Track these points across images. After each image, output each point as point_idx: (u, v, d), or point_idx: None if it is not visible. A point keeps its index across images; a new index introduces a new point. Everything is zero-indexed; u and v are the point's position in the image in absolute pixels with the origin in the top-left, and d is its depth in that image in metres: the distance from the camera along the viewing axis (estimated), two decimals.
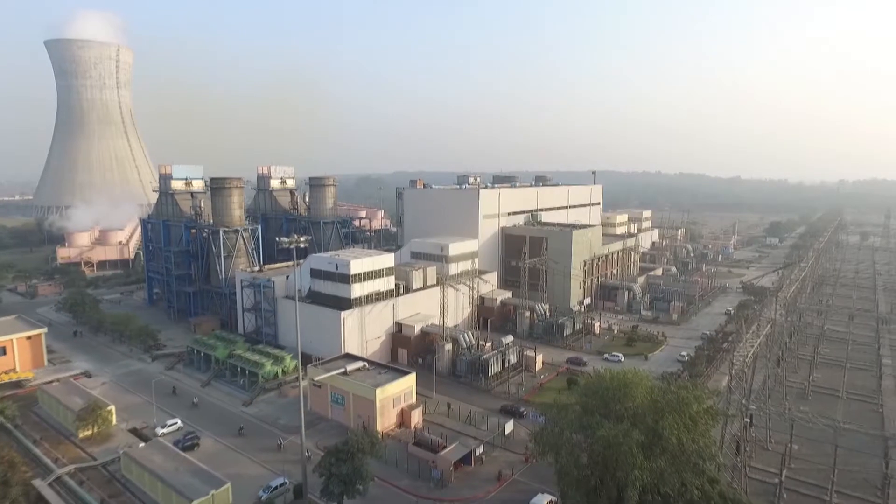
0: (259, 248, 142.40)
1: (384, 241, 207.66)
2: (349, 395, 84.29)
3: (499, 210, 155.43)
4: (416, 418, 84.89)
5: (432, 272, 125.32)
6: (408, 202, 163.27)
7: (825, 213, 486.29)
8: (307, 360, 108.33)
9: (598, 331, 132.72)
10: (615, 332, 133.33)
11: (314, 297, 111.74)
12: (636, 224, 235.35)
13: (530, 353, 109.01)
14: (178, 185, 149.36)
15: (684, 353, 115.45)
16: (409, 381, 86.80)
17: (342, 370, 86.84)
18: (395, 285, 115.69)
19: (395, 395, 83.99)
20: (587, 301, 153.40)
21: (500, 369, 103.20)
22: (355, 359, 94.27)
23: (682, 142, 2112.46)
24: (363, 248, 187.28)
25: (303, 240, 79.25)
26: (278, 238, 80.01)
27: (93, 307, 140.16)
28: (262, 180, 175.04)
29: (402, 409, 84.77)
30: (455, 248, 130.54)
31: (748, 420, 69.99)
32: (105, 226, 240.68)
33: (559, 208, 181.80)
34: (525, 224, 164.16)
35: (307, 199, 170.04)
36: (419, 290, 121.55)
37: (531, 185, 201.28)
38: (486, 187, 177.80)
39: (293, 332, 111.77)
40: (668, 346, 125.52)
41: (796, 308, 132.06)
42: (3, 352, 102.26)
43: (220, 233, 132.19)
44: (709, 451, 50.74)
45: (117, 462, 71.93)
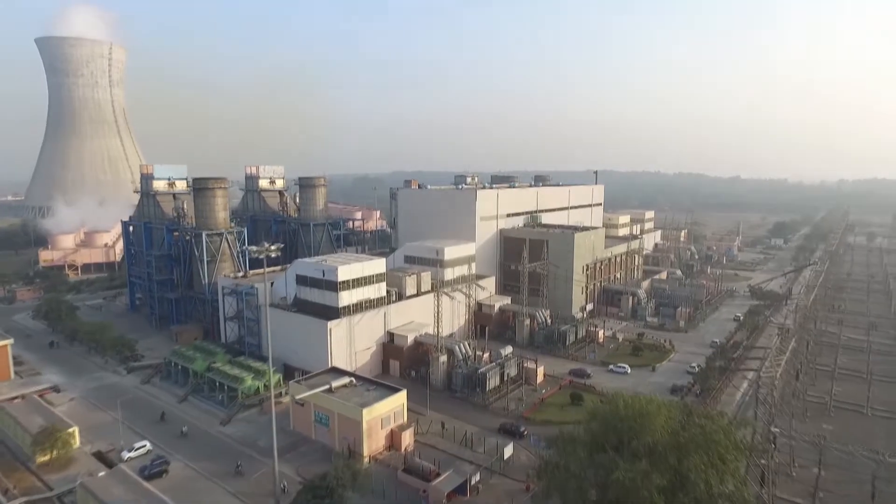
0: (245, 252, 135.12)
1: (380, 242, 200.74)
2: (334, 414, 77.26)
3: (497, 211, 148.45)
4: (406, 440, 77.92)
5: (427, 278, 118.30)
6: (402, 203, 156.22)
7: (828, 212, 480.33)
8: (292, 373, 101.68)
9: (601, 339, 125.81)
10: (620, 340, 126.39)
11: (300, 306, 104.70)
12: (638, 225, 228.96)
13: (531, 364, 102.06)
14: (160, 185, 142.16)
15: (694, 364, 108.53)
16: (400, 398, 79.81)
17: (326, 387, 79.85)
18: (387, 292, 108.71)
19: (384, 415, 76.98)
20: (590, 307, 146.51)
21: (498, 383, 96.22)
22: (342, 373, 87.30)
23: (681, 141, 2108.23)
24: (357, 250, 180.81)
25: (273, 248, 71.75)
26: (247, 246, 72.83)
27: (69, 314, 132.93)
28: (250, 180, 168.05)
29: (391, 430, 77.77)
30: (451, 252, 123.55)
31: (773, 445, 63.13)
32: (91, 227, 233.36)
33: (560, 209, 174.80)
34: (524, 226, 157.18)
35: (297, 201, 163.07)
36: (413, 296, 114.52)
37: (530, 186, 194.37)
38: (483, 187, 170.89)
39: (278, 343, 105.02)
40: (676, 355, 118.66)
41: (812, 315, 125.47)
42: None
43: (203, 236, 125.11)
44: (741, 495, 43.84)
45: (74, 493, 64.86)
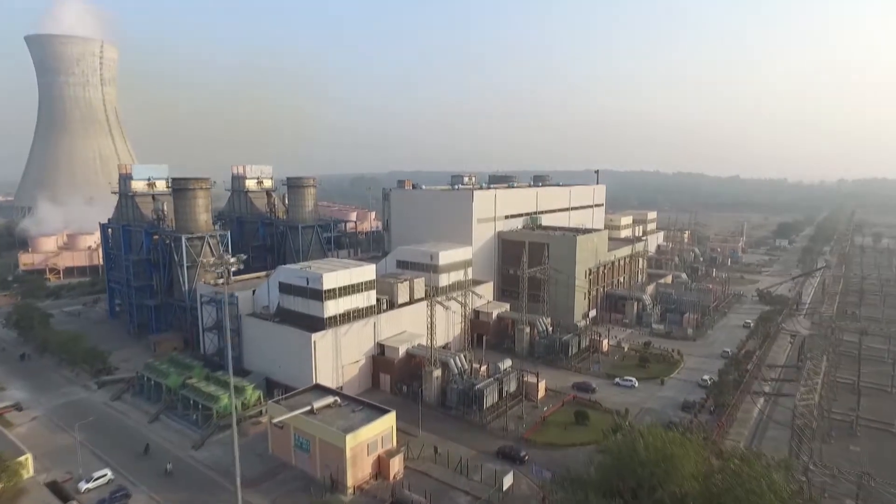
0: (229, 255, 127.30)
1: (374, 244, 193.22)
2: (315, 439, 69.96)
3: (495, 213, 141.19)
4: (395, 467, 70.67)
5: (420, 284, 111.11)
6: (395, 205, 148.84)
7: (830, 212, 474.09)
8: (274, 389, 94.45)
9: (606, 348, 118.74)
10: (625, 349, 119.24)
11: (283, 315, 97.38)
12: (641, 226, 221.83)
13: (531, 379, 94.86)
14: (138, 185, 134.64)
15: (706, 377, 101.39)
16: (388, 421, 72.52)
17: (308, 408, 72.58)
18: (377, 300, 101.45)
19: (371, 440, 69.70)
20: (592, 313, 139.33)
21: (496, 400, 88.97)
22: (326, 392, 79.98)
23: (680, 141, 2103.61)
24: (349, 253, 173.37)
25: (233, 260, 64.35)
26: (204, 259, 65.51)
27: (42, 323, 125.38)
28: (237, 180, 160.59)
29: (378, 457, 70.48)
30: (446, 257, 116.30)
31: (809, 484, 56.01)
32: (76, 229, 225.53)
33: (560, 210, 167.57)
34: (524, 228, 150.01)
35: (286, 202, 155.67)
36: (405, 305, 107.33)
37: (530, 186, 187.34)
38: (480, 188, 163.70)
39: (260, 356, 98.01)
40: (686, 366, 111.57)
41: (829, 324, 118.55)
42: None
43: (183, 240, 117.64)
44: None
45: None
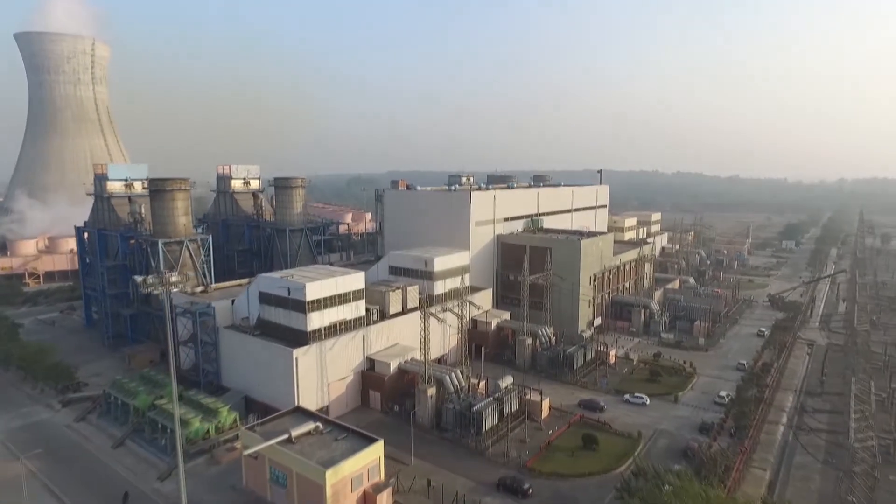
0: (210, 262, 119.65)
1: (370, 247, 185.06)
2: (292, 473, 62.00)
3: (494, 215, 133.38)
4: (383, 503, 62.81)
5: (413, 293, 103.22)
6: (389, 206, 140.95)
7: (834, 213, 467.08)
8: (254, 408, 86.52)
9: (613, 360, 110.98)
10: (634, 361, 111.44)
11: (264, 328, 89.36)
12: (645, 228, 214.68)
13: (534, 397, 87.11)
14: (115, 186, 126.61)
15: (723, 394, 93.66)
16: (376, 451, 64.55)
17: (285, 436, 64.59)
18: (367, 311, 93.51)
19: (356, 474, 61.77)
20: (597, 321, 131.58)
21: (496, 422, 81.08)
22: (308, 416, 71.99)
23: (680, 140, 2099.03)
24: (342, 257, 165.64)
25: (176, 278, 56.37)
26: (134, 277, 57.93)
27: (10, 333, 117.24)
28: (222, 181, 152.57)
29: (364, 492, 62.58)
30: (441, 263, 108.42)
31: None
32: (57, 232, 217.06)
33: (562, 212, 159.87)
34: (524, 231, 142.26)
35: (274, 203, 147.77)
36: (397, 315, 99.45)
37: (530, 186, 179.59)
38: (479, 188, 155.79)
39: (240, 371, 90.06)
40: (700, 380, 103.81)
41: (854, 333, 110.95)
42: None
43: (160, 244, 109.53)
44: None
45: None
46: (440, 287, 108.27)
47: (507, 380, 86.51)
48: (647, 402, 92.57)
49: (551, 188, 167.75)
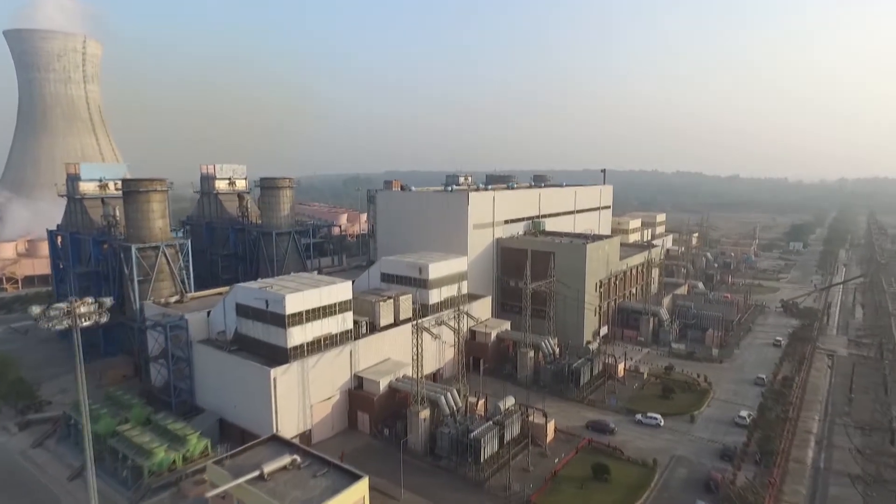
0: (190, 268, 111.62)
1: (364, 249, 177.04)
2: None
3: (493, 217, 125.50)
4: None
5: (406, 302, 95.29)
6: (381, 208, 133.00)
7: (839, 213, 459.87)
8: (230, 433, 78.62)
9: (621, 373, 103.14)
10: (645, 375, 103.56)
11: (241, 343, 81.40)
12: (649, 229, 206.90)
13: (538, 419, 79.23)
14: (88, 187, 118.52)
15: (745, 413, 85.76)
16: (359, 491, 56.56)
17: (256, 472, 56.64)
18: (355, 323, 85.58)
19: None
20: (604, 330, 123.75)
21: (496, 448, 73.19)
22: (285, 446, 64.04)
23: (679, 140, 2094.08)
24: (333, 260, 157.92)
25: (85, 309, 48.50)
26: (31, 307, 50.26)
27: None
28: (206, 181, 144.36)
29: None
30: (437, 269, 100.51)
31: None
32: (39, 234, 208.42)
33: (565, 214, 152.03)
34: (525, 234, 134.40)
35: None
36: (388, 327, 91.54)
37: (531, 186, 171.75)
38: (477, 189, 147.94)
39: (215, 390, 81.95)
40: (717, 397, 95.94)
41: (881, 342, 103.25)
42: None
43: (133, 250, 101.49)
44: None
45: None
46: (435, 296, 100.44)
47: (509, 401, 78.52)
48: (661, 422, 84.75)
49: (553, 188, 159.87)
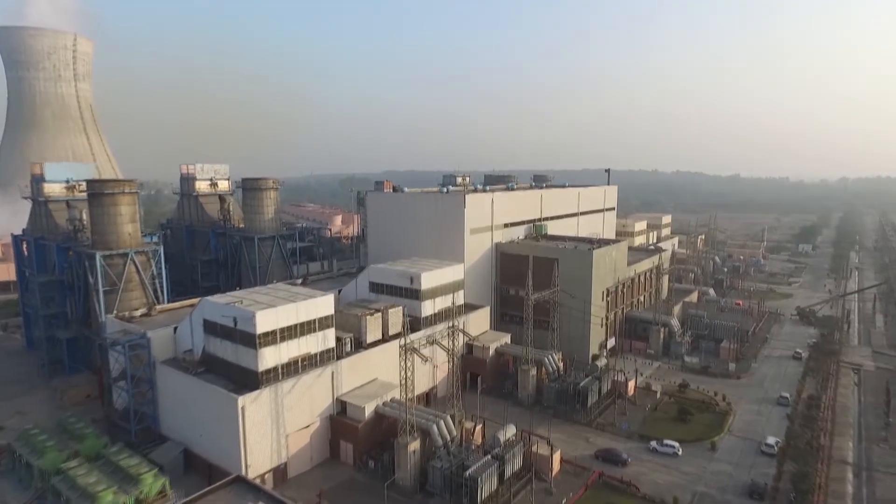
0: (163, 276, 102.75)
1: (357, 252, 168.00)
2: None
3: (492, 221, 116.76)
4: None
5: (397, 315, 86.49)
6: (372, 211, 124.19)
7: (844, 213, 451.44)
8: (195, 466, 69.83)
9: (632, 391, 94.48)
10: (658, 394, 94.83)
11: (210, 364, 72.56)
12: (655, 232, 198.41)
13: (542, 449, 70.58)
14: (53, 189, 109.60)
15: (772, 441, 77.00)
16: None
17: None
18: (338, 340, 76.78)
19: None
20: (611, 342, 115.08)
21: (496, 486, 64.47)
22: (251, 490, 55.19)
23: (679, 139, 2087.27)
24: (323, 266, 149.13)
25: None
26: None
27: None
28: (186, 182, 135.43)
29: None
30: (430, 279, 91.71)
31: None
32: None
33: (568, 216, 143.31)
34: (527, 238, 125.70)
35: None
36: (376, 343, 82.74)
37: (531, 187, 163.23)
38: (475, 190, 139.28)
39: (181, 417, 73.04)
40: (738, 418, 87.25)
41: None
42: None
43: (98, 258, 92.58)
44: None
45: None
46: (428, 307, 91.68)
47: (509, 430, 69.78)
48: (679, 451, 76.01)
49: (555, 189, 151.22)
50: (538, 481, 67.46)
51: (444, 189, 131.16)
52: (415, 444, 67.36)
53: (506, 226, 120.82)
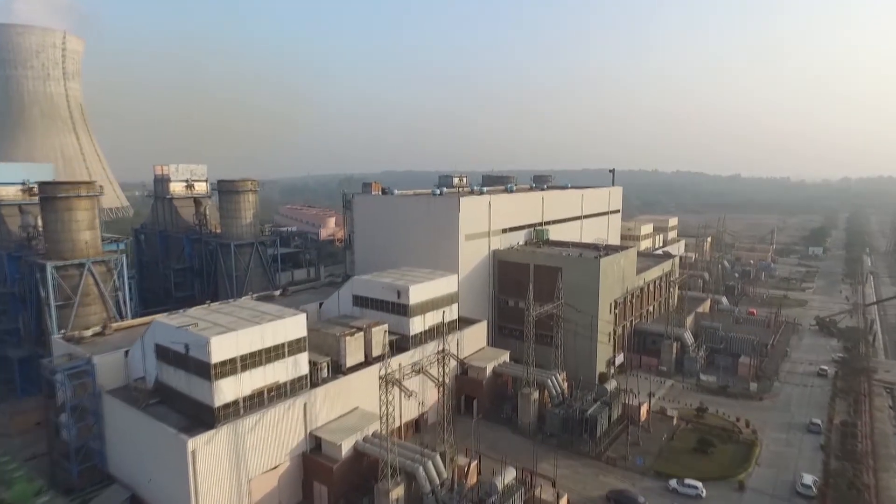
0: (125, 289, 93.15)
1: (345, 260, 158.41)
2: None
3: (489, 226, 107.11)
4: None
5: (380, 334, 76.83)
6: (359, 215, 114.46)
7: (851, 214, 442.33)
8: None
9: (644, 415, 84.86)
10: (674, 420, 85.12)
11: (164, 394, 62.91)
12: (661, 235, 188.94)
13: (547, 493, 60.99)
14: (7, 192, 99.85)
15: (809, 479, 67.33)
16: None
17: None
18: (312, 365, 67.13)
19: None
20: (619, 359, 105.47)
21: None
22: None
23: (679, 139, 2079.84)
24: (309, 273, 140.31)
25: None
26: None
27: None
28: (160, 184, 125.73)
29: None
30: (419, 292, 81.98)
31: None
32: None
33: (571, 219, 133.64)
34: (527, 244, 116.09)
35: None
36: (358, 367, 73.08)
37: (532, 188, 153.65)
38: (471, 191, 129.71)
39: (129, 455, 63.21)
40: (765, 449, 77.57)
41: None
42: None
43: (49, 269, 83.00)
44: None
45: None
46: (418, 324, 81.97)
47: (509, 474, 60.03)
48: (703, 492, 66.38)
49: (557, 191, 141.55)
50: None
51: (438, 191, 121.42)
52: (398, 491, 57.75)
53: (504, 231, 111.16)
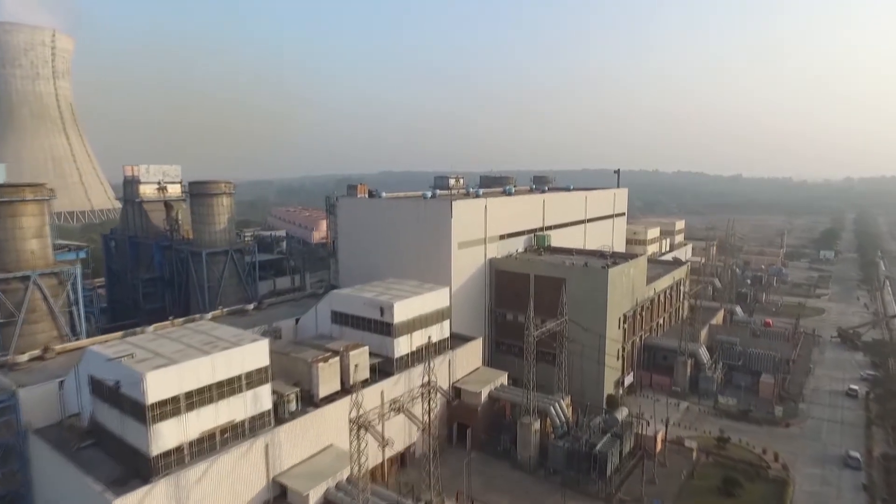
0: (80, 304, 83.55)
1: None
2: None
3: (485, 232, 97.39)
4: None
5: (361, 356, 67.21)
6: (344, 219, 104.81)
7: (857, 215, 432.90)
8: None
9: (659, 446, 75.25)
10: (693, 452, 75.48)
11: (99, 436, 53.31)
12: (668, 239, 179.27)
13: None
14: None
15: None
16: None
17: None
18: (279, 398, 57.55)
19: None
20: (628, 378, 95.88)
21: None
22: None
23: (680, 139, 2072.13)
24: (293, 280, 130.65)
25: None
26: None
27: None
28: (129, 186, 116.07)
29: None
30: (405, 309, 72.35)
31: None
32: None
33: (574, 223, 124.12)
34: (527, 252, 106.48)
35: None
36: (332, 397, 63.48)
37: (532, 190, 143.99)
38: (467, 194, 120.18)
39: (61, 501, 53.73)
40: (799, 489, 68.01)
41: None
42: None
43: None
44: None
45: None
46: (404, 345, 72.36)
47: None
48: None
49: (559, 193, 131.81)
50: None
51: (431, 194, 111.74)
52: None
53: (502, 237, 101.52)
